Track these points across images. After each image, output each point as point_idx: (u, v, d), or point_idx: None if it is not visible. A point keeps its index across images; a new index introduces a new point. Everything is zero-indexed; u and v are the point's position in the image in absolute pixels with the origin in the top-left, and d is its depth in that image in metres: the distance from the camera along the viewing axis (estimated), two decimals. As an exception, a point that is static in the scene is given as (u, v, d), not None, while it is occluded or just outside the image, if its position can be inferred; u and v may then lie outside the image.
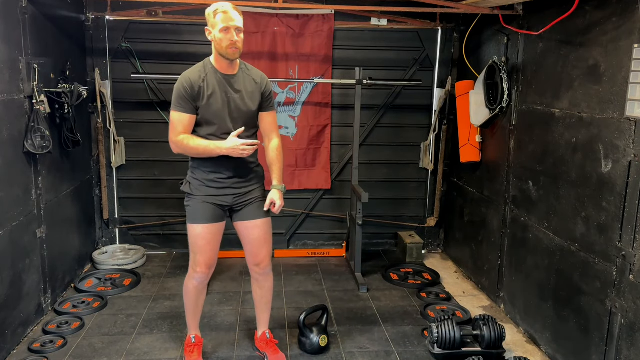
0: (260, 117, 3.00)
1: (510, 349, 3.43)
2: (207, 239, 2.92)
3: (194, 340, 3.19)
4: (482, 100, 4.12)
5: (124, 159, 4.88)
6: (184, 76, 2.80)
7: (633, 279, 2.59)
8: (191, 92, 2.75)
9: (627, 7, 2.65)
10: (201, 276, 2.99)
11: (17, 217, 3.33)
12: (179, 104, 2.77)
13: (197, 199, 2.89)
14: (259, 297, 3.22)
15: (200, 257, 2.94)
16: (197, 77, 2.78)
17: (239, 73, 2.89)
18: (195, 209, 2.90)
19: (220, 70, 2.83)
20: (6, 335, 3.19)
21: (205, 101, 2.77)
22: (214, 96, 2.78)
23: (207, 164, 2.87)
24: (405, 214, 5.32)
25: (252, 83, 2.92)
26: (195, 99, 2.76)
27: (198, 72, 2.81)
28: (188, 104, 2.76)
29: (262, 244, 3.03)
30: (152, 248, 5.09)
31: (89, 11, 4.60)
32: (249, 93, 2.89)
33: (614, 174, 2.73)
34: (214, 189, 2.89)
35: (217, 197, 2.91)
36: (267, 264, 3.09)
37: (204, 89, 2.77)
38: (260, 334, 3.31)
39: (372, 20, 4.79)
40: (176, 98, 2.77)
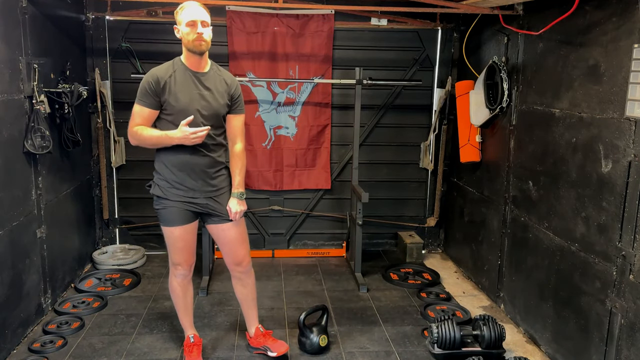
0: (228, 119, 2.98)
1: (510, 349, 3.43)
2: (186, 239, 2.96)
3: (192, 340, 3.20)
4: (482, 100, 4.12)
5: (124, 159, 4.88)
6: (150, 72, 2.82)
7: (633, 279, 2.59)
8: (155, 88, 2.75)
9: (627, 7, 2.65)
10: (183, 272, 3.05)
11: (17, 217, 3.33)
12: (140, 97, 2.78)
13: (169, 202, 2.88)
14: (243, 295, 3.24)
15: (179, 257, 3.00)
16: (163, 73, 2.79)
17: (210, 72, 2.89)
18: (169, 212, 2.89)
19: (191, 67, 2.83)
20: (6, 335, 3.19)
21: (172, 97, 2.77)
22: (182, 92, 2.78)
23: (174, 162, 2.84)
24: (405, 214, 5.32)
25: (223, 83, 2.92)
26: (158, 94, 2.76)
27: (166, 68, 2.82)
28: (150, 98, 2.76)
29: (239, 243, 3.05)
30: (152, 248, 5.09)
31: (89, 11, 4.60)
32: (219, 92, 2.89)
33: (614, 174, 2.73)
34: (183, 190, 2.87)
35: (188, 199, 2.88)
36: (248, 262, 3.13)
37: (171, 84, 2.77)
38: (254, 331, 3.32)
39: (372, 20, 4.78)
40: (140, 92, 2.79)
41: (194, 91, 2.81)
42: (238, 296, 3.27)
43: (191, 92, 2.80)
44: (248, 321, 3.33)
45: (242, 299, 3.26)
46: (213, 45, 5.02)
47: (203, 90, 2.83)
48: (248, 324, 3.34)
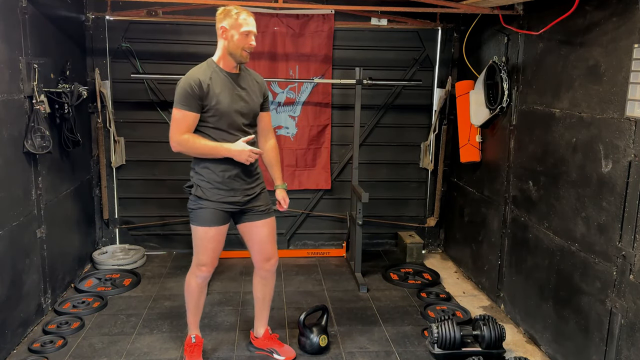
0: (259, 117, 3.04)
1: (510, 349, 3.43)
2: (217, 240, 2.95)
3: (194, 341, 3.18)
4: (482, 100, 4.12)
5: (124, 159, 4.88)
6: (190, 75, 2.78)
7: (633, 279, 2.59)
8: (199, 91, 2.73)
9: (627, 7, 2.65)
10: (205, 275, 3.03)
11: (17, 217, 3.33)
12: (184, 102, 2.74)
13: (209, 203, 2.88)
14: (262, 295, 3.23)
15: (207, 258, 2.97)
16: (204, 76, 2.77)
17: (242, 73, 2.94)
18: (207, 212, 2.88)
19: (225, 69, 2.85)
20: (6, 335, 3.19)
21: (214, 99, 2.77)
22: (222, 94, 2.80)
23: (217, 163, 2.85)
24: (405, 214, 5.32)
25: (254, 82, 2.99)
26: (202, 98, 2.75)
27: (204, 71, 2.81)
28: (194, 102, 2.74)
29: (271, 240, 3.10)
30: (152, 248, 5.09)
31: (89, 11, 4.60)
32: (254, 91, 2.96)
33: (614, 174, 2.72)
34: (225, 191, 2.89)
35: (228, 199, 2.91)
36: (276, 260, 3.17)
37: (212, 86, 2.77)
38: (262, 332, 3.31)
39: (372, 20, 4.79)
40: (181, 96, 2.74)
41: (234, 92, 2.84)
42: (256, 295, 3.25)
43: (231, 94, 2.83)
44: (258, 321, 3.32)
45: (260, 298, 3.25)
46: (213, 45, 5.03)
47: (240, 91, 2.88)
48: (257, 324, 3.33)
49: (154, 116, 4.84)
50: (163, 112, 4.84)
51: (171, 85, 4.76)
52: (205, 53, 5.02)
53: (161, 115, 4.83)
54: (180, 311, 3.88)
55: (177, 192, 4.96)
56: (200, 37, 4.77)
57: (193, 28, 4.74)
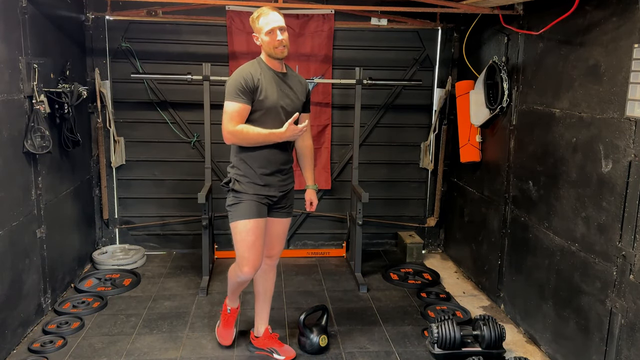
0: (300, 117, 3.09)
1: (510, 349, 3.43)
2: (257, 233, 2.94)
3: (229, 311, 3.35)
4: (482, 100, 4.11)
5: (123, 159, 4.88)
6: (242, 69, 2.89)
7: (633, 279, 2.59)
8: (251, 85, 2.82)
9: (627, 7, 2.65)
10: (247, 277, 3.00)
11: (17, 217, 3.33)
12: (237, 94, 2.82)
13: (247, 196, 2.93)
14: (263, 289, 3.28)
15: (250, 255, 2.94)
16: (255, 71, 2.87)
17: (289, 73, 3.03)
18: (246, 205, 2.92)
19: (273, 67, 2.94)
20: (6, 335, 3.19)
21: (262, 95, 2.85)
22: (269, 90, 2.87)
23: (255, 159, 2.92)
24: (405, 214, 5.32)
25: (299, 83, 3.07)
26: (253, 92, 2.83)
27: (254, 67, 2.91)
28: (247, 95, 2.82)
29: (280, 238, 3.20)
30: (152, 248, 5.09)
31: (89, 11, 4.60)
32: (299, 91, 3.04)
33: (614, 174, 2.72)
34: (261, 186, 2.95)
35: (264, 193, 2.96)
36: (277, 258, 3.26)
37: (262, 82, 2.86)
38: (262, 331, 3.32)
39: (372, 20, 4.79)
40: (234, 89, 2.82)
41: (281, 90, 2.93)
42: (257, 289, 3.29)
43: (278, 91, 2.91)
44: (258, 319, 3.34)
45: (261, 293, 3.29)
46: (213, 45, 5.02)
47: (287, 89, 2.96)
48: (257, 322, 3.35)
49: (154, 116, 4.84)
50: (163, 112, 4.83)
51: (171, 85, 4.77)
52: (205, 53, 5.02)
53: (161, 115, 4.83)
54: (180, 311, 3.88)
55: (177, 192, 4.99)
56: (200, 37, 4.77)
57: (193, 28, 4.74)
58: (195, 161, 4.92)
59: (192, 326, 3.66)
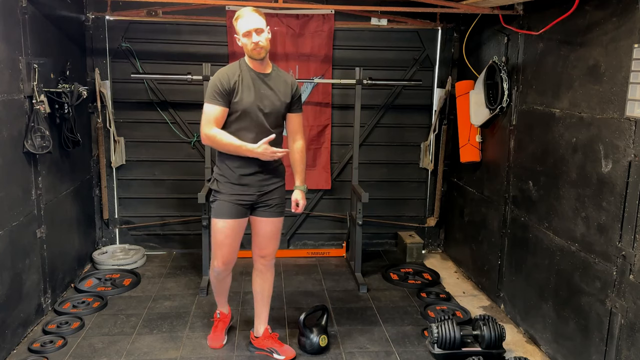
0: (288, 118, 3.12)
1: (510, 349, 3.43)
2: (226, 233, 3.02)
3: (219, 316, 3.46)
4: (482, 100, 4.11)
5: (124, 159, 4.88)
6: (220, 72, 2.93)
7: (633, 279, 2.59)
8: (227, 86, 2.86)
9: (627, 7, 2.65)
10: (218, 270, 3.16)
11: (17, 217, 3.33)
12: (213, 97, 2.88)
13: (223, 196, 3.00)
14: (261, 289, 3.29)
15: (219, 252, 3.08)
16: (232, 73, 2.91)
17: (272, 73, 3.02)
18: (221, 205, 3.01)
19: (254, 69, 2.95)
20: (6, 335, 3.19)
21: (237, 97, 2.88)
22: (247, 91, 2.90)
23: (234, 159, 2.96)
24: (405, 214, 5.32)
25: (284, 83, 3.05)
26: (229, 94, 2.88)
27: (234, 68, 2.95)
28: (223, 97, 2.87)
29: (271, 238, 3.17)
30: (152, 248, 5.09)
31: (89, 11, 4.60)
32: (282, 92, 3.02)
33: (614, 174, 2.72)
34: (238, 186, 2.99)
35: (241, 195, 3.00)
36: (272, 258, 3.24)
37: (239, 84, 2.89)
38: (262, 331, 3.32)
39: (372, 20, 4.79)
40: (211, 92, 2.88)
41: (260, 91, 2.93)
42: (255, 289, 3.31)
43: (256, 92, 2.92)
44: (258, 319, 3.35)
45: (259, 293, 3.30)
46: (213, 45, 5.01)
47: (267, 90, 2.96)
48: (257, 322, 3.35)
49: (154, 116, 4.84)
50: (163, 112, 4.83)
51: (171, 85, 4.77)
52: (205, 53, 5.02)
53: (161, 115, 4.83)
54: (180, 311, 3.88)
55: (177, 192, 4.99)
56: (200, 37, 4.77)
57: (193, 28, 4.74)
58: (195, 161, 4.92)
59: (192, 326, 3.66)
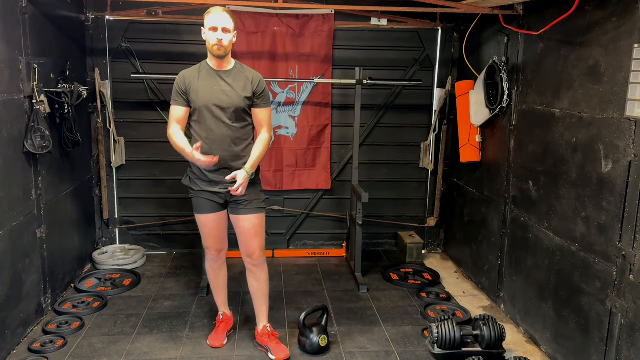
0: (253, 113, 3.14)
1: (510, 349, 3.43)
2: (209, 226, 3.20)
3: (221, 317, 3.49)
4: (482, 100, 4.12)
5: (124, 159, 4.88)
6: (180, 73, 3.12)
7: (633, 279, 2.59)
8: (182, 87, 3.03)
9: (627, 7, 2.65)
10: (212, 257, 3.31)
11: (17, 217, 3.33)
12: (173, 97, 3.08)
13: (195, 192, 3.15)
14: (255, 289, 3.33)
15: (207, 242, 3.28)
16: (190, 73, 3.07)
17: (233, 70, 3.08)
18: (196, 201, 3.17)
19: (213, 66, 3.06)
20: (6, 335, 3.19)
21: (193, 95, 3.01)
22: (202, 89, 3.01)
23: None
24: (405, 214, 5.32)
25: (245, 79, 3.09)
26: (185, 93, 3.03)
27: (193, 69, 3.10)
28: (180, 97, 3.05)
29: (252, 235, 3.19)
30: (152, 248, 5.09)
31: (89, 11, 4.60)
32: (240, 87, 3.05)
33: (614, 174, 2.72)
34: (206, 182, 3.10)
35: (211, 190, 3.10)
36: (259, 256, 3.24)
37: (195, 83, 3.02)
38: (261, 328, 3.35)
39: (372, 20, 4.79)
40: (173, 93, 3.08)
41: (215, 87, 3.02)
42: (250, 289, 3.36)
43: (212, 88, 3.02)
44: (257, 317, 3.40)
45: (254, 293, 3.35)
46: (213, 45, 4.92)
47: (224, 86, 3.03)
48: (257, 320, 3.40)
49: (154, 116, 4.84)
50: (163, 112, 4.83)
51: (171, 85, 4.75)
52: (205, 53, 5.02)
53: (161, 115, 4.83)
54: (180, 311, 3.88)
55: (177, 192, 4.99)
56: (200, 37, 4.74)
57: (193, 28, 4.73)
58: (195, 161, 4.91)
59: (192, 326, 3.66)
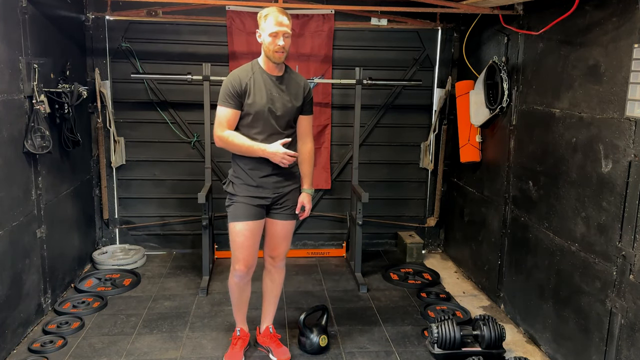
0: (299, 120, 3.07)
1: (510, 349, 3.43)
2: (246, 235, 3.00)
3: (238, 334, 3.30)
4: (482, 100, 4.12)
5: (124, 159, 4.88)
6: (232, 74, 2.94)
7: (633, 279, 2.59)
8: (238, 89, 2.87)
9: (627, 7, 2.65)
10: (240, 274, 3.08)
11: (17, 217, 3.33)
12: (225, 99, 2.89)
13: (239, 198, 2.98)
14: (269, 289, 3.30)
15: (240, 254, 3.04)
16: (244, 75, 2.91)
17: (285, 75, 2.99)
18: (237, 208, 2.99)
19: (268, 70, 2.94)
20: (6, 335, 3.19)
21: (250, 99, 2.88)
22: (259, 93, 2.89)
23: (247, 162, 2.96)
24: (405, 214, 5.32)
25: (296, 85, 3.03)
26: (241, 96, 2.88)
27: (246, 71, 2.94)
28: (234, 100, 2.88)
29: (282, 240, 3.16)
30: (152, 248, 5.09)
31: (89, 11, 4.60)
32: (294, 94, 2.99)
33: (614, 174, 2.72)
34: (254, 188, 2.97)
35: (257, 197, 2.98)
36: (282, 259, 3.24)
37: (251, 86, 2.88)
38: (263, 329, 3.34)
39: (372, 20, 4.78)
40: (223, 94, 2.90)
41: (271, 93, 2.91)
42: (263, 288, 3.32)
43: (268, 94, 2.90)
44: (264, 316, 3.36)
45: (267, 292, 3.31)
46: (213, 45, 5.01)
47: (279, 92, 2.94)
48: (262, 319, 3.37)
49: (154, 116, 4.84)
50: (163, 112, 4.83)
51: (171, 85, 4.77)
52: (205, 53, 5.02)
53: (161, 115, 4.83)
54: (180, 311, 3.88)
55: (177, 192, 5.00)
56: (200, 37, 4.77)
57: (193, 28, 4.74)
58: (195, 161, 4.92)
59: (192, 326, 3.67)
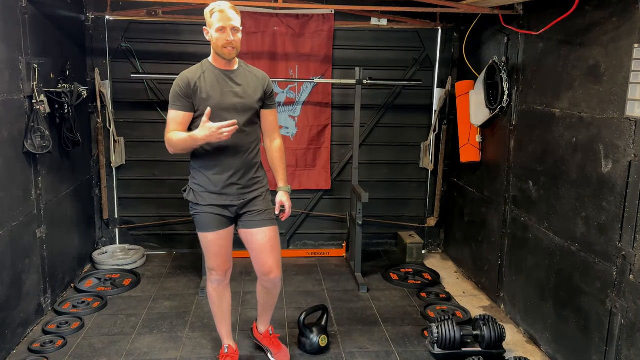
0: (262, 115, 2.93)
1: (510, 349, 3.43)
2: (219, 244, 2.88)
3: (226, 351, 3.10)
4: (482, 100, 4.12)
5: (123, 159, 4.88)
6: (180, 75, 2.79)
7: (633, 279, 2.59)
8: (186, 90, 2.72)
9: (627, 7, 2.65)
10: (218, 278, 2.97)
11: (17, 217, 3.33)
12: (173, 102, 2.75)
13: (202, 207, 2.82)
14: (264, 301, 3.15)
15: (214, 262, 2.92)
16: (193, 75, 2.76)
17: (240, 69, 2.85)
18: (202, 218, 2.83)
19: (219, 67, 2.80)
20: (6, 335, 3.19)
21: (204, 96, 2.72)
22: (212, 90, 2.74)
23: (208, 165, 2.80)
24: (405, 214, 5.32)
25: (254, 78, 2.87)
26: (190, 97, 2.72)
27: (195, 70, 2.80)
28: (182, 101, 2.73)
29: (268, 250, 2.91)
30: (152, 248, 5.09)
31: (89, 11, 4.60)
32: (251, 87, 2.84)
33: (614, 174, 2.72)
34: (215, 195, 2.80)
35: (221, 203, 2.82)
36: (277, 274, 2.96)
37: (201, 85, 2.73)
38: (263, 331, 3.29)
39: (372, 20, 4.79)
40: (171, 97, 2.76)
41: (225, 88, 2.76)
42: (259, 298, 3.16)
43: (222, 89, 2.75)
44: (261, 320, 3.27)
45: (262, 303, 3.17)
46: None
47: (235, 87, 2.78)
48: (259, 322, 3.28)
49: (154, 116, 4.84)
50: (163, 112, 4.83)
51: (171, 85, 4.75)
52: (205, 53, 5.03)
53: (161, 115, 4.83)
54: (180, 311, 3.88)
55: (177, 192, 4.94)
56: (200, 37, 4.70)
57: (193, 28, 4.74)
58: (195, 161, 4.91)
59: (192, 326, 3.66)
